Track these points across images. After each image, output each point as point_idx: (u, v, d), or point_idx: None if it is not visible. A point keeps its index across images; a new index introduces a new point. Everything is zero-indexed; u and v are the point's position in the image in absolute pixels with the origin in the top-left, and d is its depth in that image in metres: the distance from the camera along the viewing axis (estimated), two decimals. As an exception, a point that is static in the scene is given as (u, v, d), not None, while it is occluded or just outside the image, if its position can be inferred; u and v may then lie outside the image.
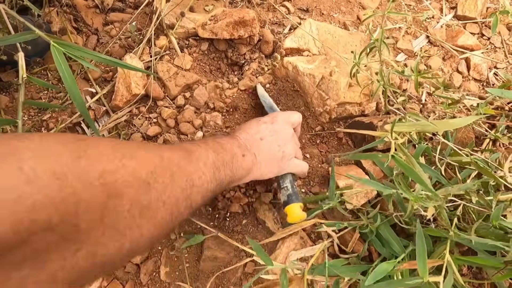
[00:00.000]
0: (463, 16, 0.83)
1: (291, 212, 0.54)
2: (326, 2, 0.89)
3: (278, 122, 0.55)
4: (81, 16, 0.80)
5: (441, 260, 0.42)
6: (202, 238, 0.57)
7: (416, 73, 0.51)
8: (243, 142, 0.50)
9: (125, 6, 0.83)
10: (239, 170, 0.46)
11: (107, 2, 0.82)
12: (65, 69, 0.49)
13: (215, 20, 0.75)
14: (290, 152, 0.55)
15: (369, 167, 0.62)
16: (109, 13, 0.82)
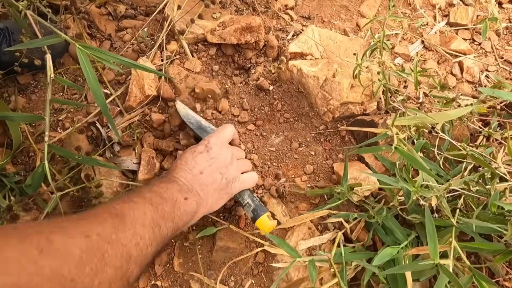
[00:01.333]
0: (455, 23, 0.88)
1: (262, 225, 0.56)
2: (327, 10, 0.94)
3: (213, 148, 0.53)
4: (95, 22, 0.84)
5: (447, 246, 0.44)
6: (214, 230, 0.60)
7: (415, 71, 0.56)
8: (183, 183, 0.47)
9: (137, 13, 0.87)
10: (183, 216, 0.43)
11: (119, 10, 0.86)
12: (89, 70, 0.53)
13: (223, 26, 0.80)
14: (234, 174, 0.53)
15: (371, 162, 0.66)
16: (121, 20, 0.86)
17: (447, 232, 0.53)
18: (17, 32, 0.73)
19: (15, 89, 0.75)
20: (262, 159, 0.72)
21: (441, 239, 0.49)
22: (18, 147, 0.70)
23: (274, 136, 0.76)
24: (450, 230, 0.53)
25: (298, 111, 0.78)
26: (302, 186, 0.68)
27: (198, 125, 0.63)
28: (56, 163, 0.67)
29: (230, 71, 0.84)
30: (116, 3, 0.88)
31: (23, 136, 0.70)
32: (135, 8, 0.89)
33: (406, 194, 0.56)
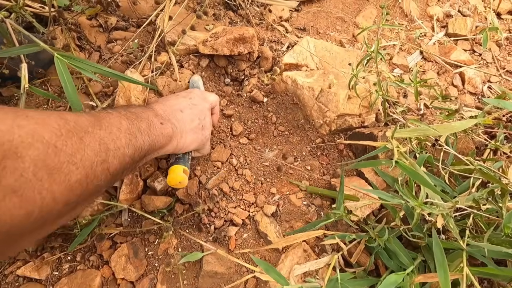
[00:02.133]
0: (454, 34, 0.86)
1: (172, 173, 0.54)
2: (322, 22, 0.92)
3: (195, 97, 0.57)
4: (85, 34, 0.82)
5: (459, 273, 0.40)
6: (200, 255, 0.54)
7: (415, 81, 0.52)
8: (161, 113, 0.48)
9: (128, 25, 0.85)
10: (159, 137, 0.44)
11: (110, 22, 0.85)
12: (67, 80, 0.49)
13: (215, 37, 0.77)
14: (208, 126, 0.57)
15: (371, 178, 0.61)
16: (112, 31, 0.84)
17: (457, 256, 0.48)
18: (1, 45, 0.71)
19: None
20: (255, 174, 0.68)
21: (451, 264, 0.44)
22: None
23: (268, 150, 0.72)
24: (459, 253, 0.48)
25: (293, 124, 0.75)
26: (297, 203, 0.63)
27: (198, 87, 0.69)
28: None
29: (222, 82, 0.82)
30: (107, 15, 0.86)
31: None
32: (126, 20, 0.87)
33: (408, 212, 0.52)
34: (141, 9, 0.86)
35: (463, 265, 0.44)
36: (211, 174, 0.65)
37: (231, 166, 0.68)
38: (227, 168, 0.67)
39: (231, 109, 0.77)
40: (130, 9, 0.87)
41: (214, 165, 0.67)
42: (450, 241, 0.48)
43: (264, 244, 0.58)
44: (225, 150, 0.69)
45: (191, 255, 0.54)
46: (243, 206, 0.63)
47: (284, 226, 0.61)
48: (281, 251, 0.57)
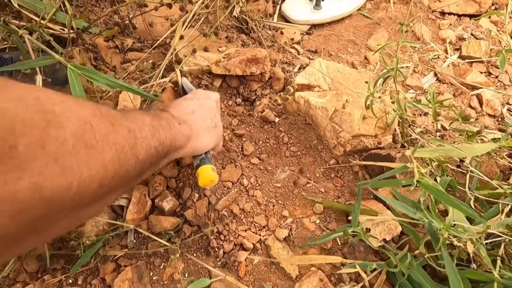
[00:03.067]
0: (468, 56, 0.85)
1: (203, 173, 0.52)
2: (334, 44, 0.93)
3: (201, 97, 0.57)
4: (101, 55, 0.85)
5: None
6: (208, 282, 0.51)
7: (433, 102, 0.51)
8: (176, 115, 0.49)
9: (143, 46, 0.88)
10: (179, 135, 0.45)
11: (126, 43, 0.87)
12: (79, 90, 0.49)
13: (228, 57, 0.78)
14: (219, 122, 0.58)
15: (389, 202, 0.58)
16: (127, 52, 0.86)
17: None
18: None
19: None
20: (266, 196, 0.65)
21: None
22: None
23: (280, 170, 0.70)
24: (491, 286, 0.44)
25: (306, 144, 0.73)
26: (311, 228, 0.60)
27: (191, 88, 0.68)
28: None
29: (234, 102, 0.81)
30: (124, 36, 0.89)
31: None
32: (142, 41, 0.90)
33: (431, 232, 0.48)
34: (156, 32, 0.89)
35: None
36: (221, 194, 0.63)
37: (242, 187, 0.65)
38: (237, 188, 0.65)
39: (242, 128, 0.76)
40: (146, 31, 0.90)
41: (224, 185, 0.65)
42: (480, 272, 0.44)
43: (276, 270, 0.55)
44: (235, 170, 0.67)
45: (198, 282, 0.50)
46: (253, 229, 0.60)
47: (297, 252, 0.57)
48: (294, 279, 0.53)
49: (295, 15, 1.00)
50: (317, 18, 0.99)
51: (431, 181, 0.39)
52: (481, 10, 0.94)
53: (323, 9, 0.99)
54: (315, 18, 0.99)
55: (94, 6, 0.96)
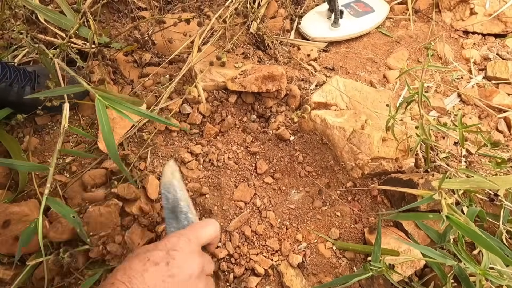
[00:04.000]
0: (494, 77, 0.82)
1: None
2: (352, 62, 0.91)
3: (177, 257, 0.36)
4: (120, 69, 0.86)
5: None
6: None
7: (460, 126, 0.48)
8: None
9: (161, 61, 0.89)
10: None
11: (145, 58, 0.88)
12: (105, 121, 0.50)
13: (244, 74, 0.78)
14: None
15: (412, 231, 0.55)
16: (145, 67, 0.87)
17: None
18: (43, 76, 0.75)
19: (31, 130, 0.74)
20: (280, 218, 0.63)
21: None
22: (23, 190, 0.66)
23: (294, 191, 0.68)
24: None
25: (322, 165, 0.70)
26: (326, 254, 0.57)
27: (174, 204, 0.44)
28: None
29: (248, 119, 0.80)
30: (142, 52, 0.90)
31: (29, 178, 0.67)
32: (160, 56, 0.91)
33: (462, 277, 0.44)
34: (175, 47, 0.90)
35: None
36: (233, 215, 0.61)
37: (255, 207, 0.63)
38: (250, 209, 0.63)
39: (256, 146, 0.74)
40: (164, 47, 0.91)
41: (236, 205, 0.63)
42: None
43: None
44: (248, 189, 0.65)
45: None
46: (266, 253, 0.57)
47: (311, 280, 0.54)
48: (308, 311, 0.50)
49: (313, 33, 0.99)
50: (335, 35, 0.98)
51: (462, 218, 0.35)
52: (507, 30, 0.91)
53: (341, 26, 0.98)
54: (333, 35, 0.98)
55: (115, 21, 0.98)
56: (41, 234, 0.47)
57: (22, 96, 0.70)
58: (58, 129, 0.76)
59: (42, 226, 0.47)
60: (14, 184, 0.68)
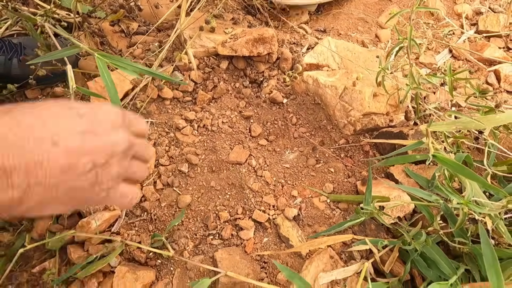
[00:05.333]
0: (485, 31, 0.81)
1: None
2: (343, 23, 0.90)
3: (99, 114, 0.27)
4: (107, 39, 0.84)
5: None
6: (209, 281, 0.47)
7: (450, 74, 0.48)
8: (12, 136, 0.23)
9: (149, 29, 0.87)
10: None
11: (132, 27, 0.86)
12: (108, 79, 0.50)
13: (235, 38, 0.77)
14: (114, 174, 0.28)
15: (402, 179, 0.57)
16: (133, 36, 0.85)
17: (509, 265, 0.42)
18: (29, 48, 0.73)
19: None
20: (275, 176, 0.64)
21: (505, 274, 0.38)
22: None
23: (289, 152, 0.69)
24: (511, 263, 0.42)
25: (315, 125, 0.71)
26: (320, 207, 0.59)
27: None
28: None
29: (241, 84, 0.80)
30: (129, 20, 0.88)
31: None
32: (147, 25, 0.89)
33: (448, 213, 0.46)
34: (162, 14, 0.87)
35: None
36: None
37: (250, 167, 0.65)
38: (245, 169, 0.64)
39: (250, 110, 0.75)
40: (151, 14, 0.89)
41: (232, 166, 0.64)
42: (500, 248, 0.43)
43: (286, 249, 0.54)
44: (243, 151, 0.67)
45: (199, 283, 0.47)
46: (263, 208, 0.59)
47: (307, 231, 0.57)
48: (304, 256, 0.52)
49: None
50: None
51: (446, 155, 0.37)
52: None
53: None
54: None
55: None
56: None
57: (9, 68, 0.69)
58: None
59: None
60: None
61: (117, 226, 0.58)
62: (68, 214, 0.57)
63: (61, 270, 0.53)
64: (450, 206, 0.44)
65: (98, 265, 0.51)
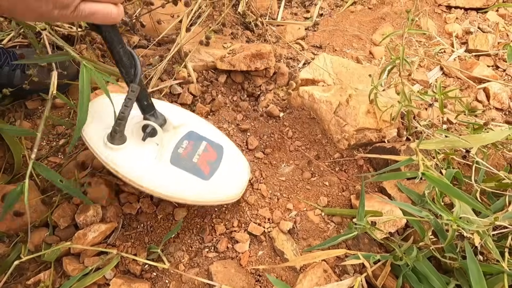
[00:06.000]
0: (475, 50, 0.84)
1: None
2: (339, 40, 0.93)
3: None
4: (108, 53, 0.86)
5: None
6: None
7: (440, 92, 0.50)
8: None
9: (149, 43, 0.89)
10: None
11: (133, 40, 0.88)
12: (85, 87, 0.50)
13: (233, 53, 0.79)
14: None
15: (394, 194, 0.58)
16: (134, 49, 0.87)
17: (496, 281, 0.43)
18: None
19: (22, 114, 0.74)
20: (271, 189, 0.65)
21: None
22: (19, 173, 0.67)
23: (285, 165, 0.70)
24: (499, 278, 0.43)
25: (310, 139, 0.73)
26: (315, 220, 0.60)
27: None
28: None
29: (238, 98, 0.82)
30: (131, 34, 0.90)
31: (23, 161, 0.68)
32: (148, 39, 0.91)
33: (438, 229, 0.47)
34: (163, 29, 0.90)
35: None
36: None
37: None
38: (242, 182, 0.65)
39: (247, 123, 0.76)
40: (152, 29, 0.91)
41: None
42: (488, 264, 0.44)
43: (280, 262, 0.55)
44: (240, 163, 0.68)
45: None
46: (258, 221, 0.60)
47: (301, 244, 0.57)
48: (298, 270, 0.53)
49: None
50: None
51: (436, 173, 0.38)
52: (488, 3, 0.93)
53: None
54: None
55: (101, 4, 0.97)
56: (27, 196, 0.47)
57: (12, 79, 0.70)
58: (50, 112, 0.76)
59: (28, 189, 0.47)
60: (9, 167, 0.69)
61: (113, 237, 0.58)
62: (65, 225, 0.57)
63: (55, 282, 0.53)
64: (440, 221, 0.45)
65: (93, 278, 0.51)
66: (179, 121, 0.57)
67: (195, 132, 0.57)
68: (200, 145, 0.55)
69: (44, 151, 0.70)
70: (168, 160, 0.51)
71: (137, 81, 0.46)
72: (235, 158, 0.58)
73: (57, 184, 0.50)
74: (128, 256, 0.53)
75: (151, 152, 0.51)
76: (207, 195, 0.52)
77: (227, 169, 0.55)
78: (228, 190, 0.54)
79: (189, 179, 0.51)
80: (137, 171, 0.49)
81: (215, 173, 0.53)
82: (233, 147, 0.60)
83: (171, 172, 0.51)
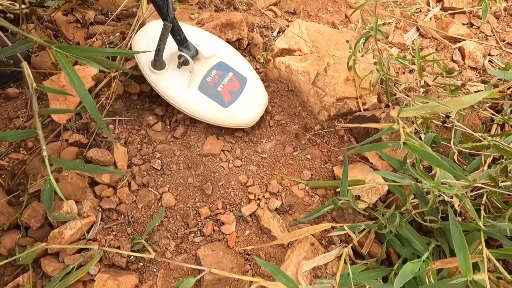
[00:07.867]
0: (450, 8, 0.83)
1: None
2: (313, 4, 0.88)
3: None
4: (62, 31, 0.77)
5: (478, 256, 0.37)
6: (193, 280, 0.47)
7: (418, 57, 0.49)
8: None
9: (107, 19, 0.80)
10: None
11: (88, 16, 0.79)
12: (72, 74, 0.45)
13: (201, 24, 0.73)
14: None
15: (376, 163, 0.58)
16: (90, 26, 0.79)
17: (474, 238, 0.45)
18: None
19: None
20: (254, 167, 0.64)
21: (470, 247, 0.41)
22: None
23: (266, 141, 0.69)
24: (476, 235, 0.45)
25: (290, 112, 0.71)
26: (299, 195, 0.60)
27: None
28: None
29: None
30: (84, 9, 0.81)
31: None
32: (105, 13, 0.82)
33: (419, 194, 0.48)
34: (121, 2, 0.81)
35: (482, 247, 0.41)
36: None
37: (227, 160, 0.64)
38: (223, 162, 0.63)
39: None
40: (109, 1, 0.82)
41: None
42: (466, 223, 0.46)
43: (268, 240, 0.55)
44: (218, 142, 0.65)
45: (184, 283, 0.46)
46: (244, 200, 0.59)
47: (287, 220, 0.58)
48: (286, 246, 0.53)
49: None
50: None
51: (417, 142, 0.38)
52: (463, -43, 0.90)
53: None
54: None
55: (45, -25, 0.86)
56: (59, 189, 0.45)
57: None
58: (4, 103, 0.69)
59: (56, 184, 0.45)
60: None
61: (93, 232, 0.56)
62: (37, 225, 0.53)
63: (36, 284, 0.51)
64: (421, 186, 0.46)
65: (77, 276, 0.49)
66: (211, 51, 0.64)
67: (224, 63, 0.64)
68: (226, 76, 0.63)
69: (4, 147, 0.64)
70: (197, 87, 0.61)
71: (170, 19, 0.51)
72: (255, 91, 0.65)
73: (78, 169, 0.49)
74: (111, 250, 0.51)
75: (185, 78, 0.62)
76: (223, 119, 0.62)
77: (244, 100, 0.63)
78: (240, 119, 0.63)
79: (211, 105, 0.61)
80: (172, 93, 0.61)
81: (234, 102, 0.62)
82: (256, 81, 0.66)
83: (198, 98, 0.61)
